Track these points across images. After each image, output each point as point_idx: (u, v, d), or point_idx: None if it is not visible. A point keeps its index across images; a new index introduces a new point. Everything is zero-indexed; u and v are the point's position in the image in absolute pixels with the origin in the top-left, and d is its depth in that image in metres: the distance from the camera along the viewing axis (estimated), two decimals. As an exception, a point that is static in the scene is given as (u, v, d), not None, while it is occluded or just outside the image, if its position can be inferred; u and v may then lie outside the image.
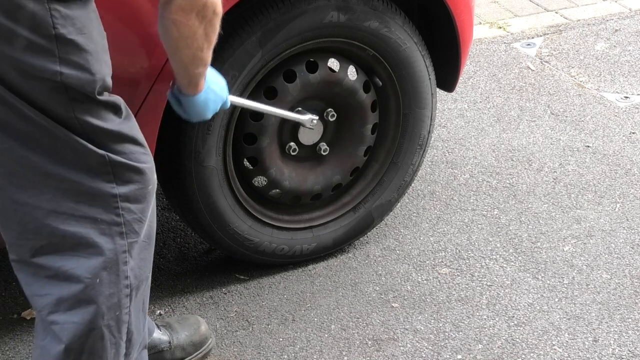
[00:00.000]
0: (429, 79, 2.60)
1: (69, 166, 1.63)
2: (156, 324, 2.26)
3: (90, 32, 1.60)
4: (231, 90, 2.28)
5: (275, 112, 2.38)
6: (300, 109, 2.47)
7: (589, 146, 3.30)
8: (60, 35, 1.54)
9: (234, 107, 2.32)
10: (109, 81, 1.66)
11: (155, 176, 1.77)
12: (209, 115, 2.05)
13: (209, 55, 1.85)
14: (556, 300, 2.57)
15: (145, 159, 1.73)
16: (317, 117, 2.47)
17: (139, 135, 1.73)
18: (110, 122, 1.65)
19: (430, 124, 2.68)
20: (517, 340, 2.42)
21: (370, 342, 2.41)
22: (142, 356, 1.94)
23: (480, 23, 4.25)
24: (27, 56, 1.54)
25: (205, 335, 2.31)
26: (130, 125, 1.70)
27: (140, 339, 1.88)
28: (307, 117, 2.45)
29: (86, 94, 1.60)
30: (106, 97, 1.64)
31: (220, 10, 1.76)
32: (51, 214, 1.65)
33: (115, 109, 1.67)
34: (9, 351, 2.35)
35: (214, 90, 2.01)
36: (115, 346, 1.78)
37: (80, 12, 1.56)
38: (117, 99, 1.68)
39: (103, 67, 1.63)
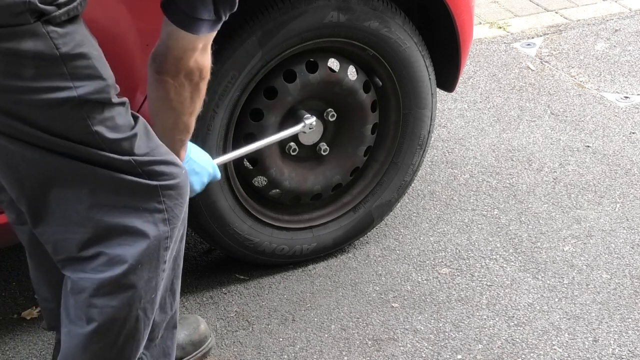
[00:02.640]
0: (429, 79, 2.60)
1: (102, 168, 1.67)
2: (156, 324, 2.27)
3: (89, 42, 1.63)
4: (231, 90, 2.28)
5: (267, 142, 2.39)
6: (299, 111, 2.47)
7: (589, 146, 3.30)
8: (64, 54, 1.57)
9: (234, 106, 2.32)
10: (116, 85, 1.69)
11: (181, 162, 1.81)
12: (198, 189, 2.06)
13: (192, 122, 1.89)
14: (556, 300, 2.57)
15: (165, 151, 1.77)
16: (314, 119, 2.47)
17: (153, 133, 1.77)
18: (125, 130, 1.68)
19: (430, 124, 2.68)
20: (517, 340, 2.42)
21: (370, 342, 2.41)
22: (173, 334, 1.99)
23: (480, 23, 4.25)
24: (37, 82, 1.56)
25: (205, 335, 2.31)
26: (142, 124, 1.74)
27: (167, 318, 1.92)
28: (300, 126, 2.44)
29: (102, 102, 1.63)
30: (118, 98, 1.68)
31: (207, 75, 1.81)
32: (93, 206, 1.69)
33: (127, 107, 1.71)
34: (9, 351, 2.35)
35: (197, 163, 2.03)
36: (146, 327, 1.83)
37: (74, 28, 1.60)
38: (125, 98, 1.72)
39: (110, 71, 1.67)
